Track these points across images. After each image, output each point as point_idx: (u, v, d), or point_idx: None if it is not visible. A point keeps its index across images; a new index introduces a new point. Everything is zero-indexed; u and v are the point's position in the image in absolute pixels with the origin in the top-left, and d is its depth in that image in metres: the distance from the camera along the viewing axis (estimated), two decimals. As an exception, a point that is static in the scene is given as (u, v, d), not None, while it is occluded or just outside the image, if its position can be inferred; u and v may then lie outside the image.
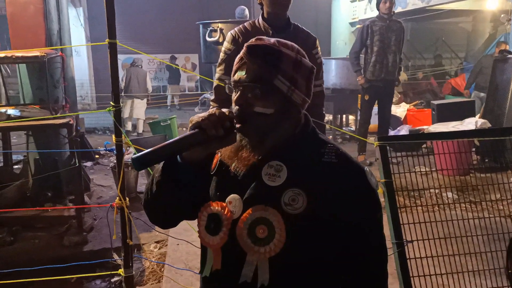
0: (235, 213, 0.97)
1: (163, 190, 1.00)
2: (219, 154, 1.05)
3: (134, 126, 8.80)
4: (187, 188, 1.00)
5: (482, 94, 6.97)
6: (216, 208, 1.00)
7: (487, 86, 6.48)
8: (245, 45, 0.97)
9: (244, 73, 0.95)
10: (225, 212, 0.98)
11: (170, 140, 0.94)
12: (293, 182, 0.95)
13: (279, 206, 0.94)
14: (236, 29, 2.24)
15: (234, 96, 0.99)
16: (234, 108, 0.97)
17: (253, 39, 0.99)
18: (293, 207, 0.94)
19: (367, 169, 1.01)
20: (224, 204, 0.99)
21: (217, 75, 2.26)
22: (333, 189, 0.95)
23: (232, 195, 0.99)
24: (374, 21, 5.22)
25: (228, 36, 2.24)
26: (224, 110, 0.97)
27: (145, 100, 8.75)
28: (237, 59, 0.99)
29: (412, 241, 2.03)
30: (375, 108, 5.57)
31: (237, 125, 0.96)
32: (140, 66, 8.81)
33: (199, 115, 0.96)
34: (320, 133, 1.06)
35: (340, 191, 0.95)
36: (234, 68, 0.99)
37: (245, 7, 6.70)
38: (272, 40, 0.99)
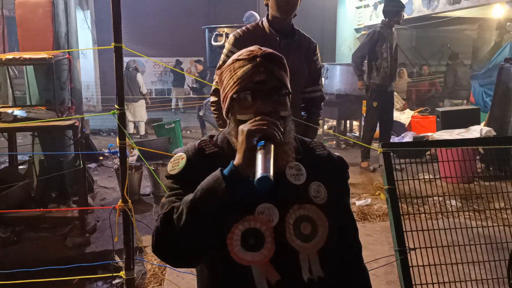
0: (273, 221, 0.98)
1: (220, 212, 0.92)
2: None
3: (138, 128, 8.83)
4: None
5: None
6: (250, 222, 0.97)
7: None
8: (261, 54, 1.00)
9: (264, 80, 0.98)
10: (264, 223, 0.97)
11: (262, 156, 0.86)
12: (311, 177, 1.04)
13: (311, 200, 1.02)
14: (239, 30, 2.20)
15: (249, 107, 0.98)
16: (256, 115, 0.95)
17: (258, 48, 1.02)
18: (320, 197, 1.04)
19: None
20: (257, 216, 0.97)
21: (217, 78, 2.23)
22: (333, 173, 1.11)
23: (262, 204, 0.98)
24: (382, 27, 5.28)
25: (231, 38, 2.19)
26: (266, 117, 0.94)
27: (141, 101, 8.71)
28: (251, 68, 0.99)
29: (415, 249, 2.02)
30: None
31: None
32: (132, 69, 8.75)
33: (250, 124, 0.91)
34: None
35: (337, 173, 1.13)
36: (247, 78, 0.98)
37: (254, 13, 6.45)
38: (264, 48, 1.03)
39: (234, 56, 1.05)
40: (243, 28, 2.21)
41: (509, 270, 1.67)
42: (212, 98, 2.27)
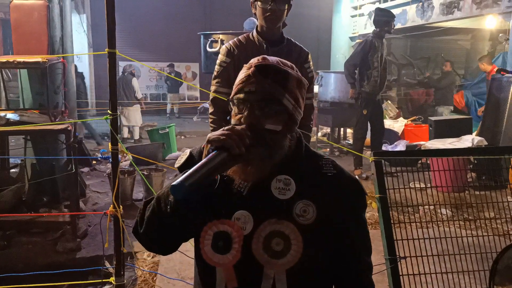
0: (245, 229, 0.98)
1: (177, 213, 0.96)
2: None
3: (132, 133, 8.80)
4: (196, 208, 0.98)
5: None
6: (224, 226, 0.98)
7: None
8: (254, 64, 0.99)
9: (253, 91, 0.97)
10: (235, 229, 0.97)
11: (200, 164, 0.88)
12: (301, 194, 0.99)
13: (292, 218, 0.98)
14: (230, 42, 2.27)
15: (239, 113, 0.99)
16: (242, 125, 0.97)
17: (259, 58, 1.01)
18: (305, 217, 0.98)
19: (357, 177, 1.09)
20: (232, 221, 0.98)
21: (213, 88, 2.27)
22: (336, 197, 1.02)
23: (239, 211, 0.98)
24: (374, 37, 5.36)
25: (223, 49, 2.26)
26: (238, 127, 0.95)
27: (136, 106, 8.67)
28: (243, 77, 0.99)
29: (405, 258, 2.03)
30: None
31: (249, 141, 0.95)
32: (127, 73, 8.71)
33: (216, 133, 0.93)
34: (310, 147, 1.11)
35: (343, 198, 1.03)
36: (240, 85, 0.99)
37: (255, 19, 6.29)
38: (275, 59, 1.02)
39: None
40: (235, 39, 2.29)
41: (490, 281, 1.68)
42: (210, 109, 2.30)
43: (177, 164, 1.08)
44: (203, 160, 0.90)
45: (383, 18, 5.32)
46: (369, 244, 1.09)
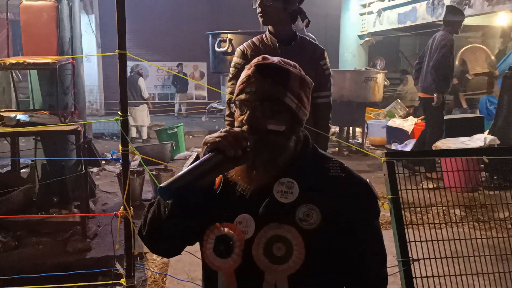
0: (247, 233, 0.95)
1: (175, 216, 0.96)
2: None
3: (140, 133, 8.84)
4: (195, 211, 0.97)
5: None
6: (226, 229, 0.96)
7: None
8: (254, 64, 0.97)
9: (254, 91, 0.95)
10: (237, 233, 0.95)
11: (192, 166, 0.89)
12: (305, 198, 0.95)
13: (294, 223, 0.95)
14: (245, 44, 2.32)
15: (242, 115, 0.97)
16: (244, 126, 0.95)
17: (260, 58, 0.99)
18: (308, 222, 0.94)
19: (369, 180, 1.04)
20: (234, 225, 0.96)
21: (229, 90, 2.29)
22: (343, 202, 0.98)
23: (242, 214, 0.97)
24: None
25: (237, 51, 2.31)
26: (236, 129, 0.94)
27: (143, 106, 8.70)
28: (244, 78, 0.98)
29: (418, 260, 2.00)
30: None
31: (251, 143, 0.94)
32: (134, 73, 8.76)
33: (212, 136, 0.92)
34: (319, 148, 1.08)
35: (350, 203, 0.98)
36: (241, 87, 0.98)
37: None
38: (276, 59, 1.00)
39: None
40: (249, 41, 2.33)
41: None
42: (226, 111, 2.32)
43: (184, 167, 1.08)
44: (197, 162, 0.89)
45: (455, 18, 5.23)
46: (383, 253, 1.04)
